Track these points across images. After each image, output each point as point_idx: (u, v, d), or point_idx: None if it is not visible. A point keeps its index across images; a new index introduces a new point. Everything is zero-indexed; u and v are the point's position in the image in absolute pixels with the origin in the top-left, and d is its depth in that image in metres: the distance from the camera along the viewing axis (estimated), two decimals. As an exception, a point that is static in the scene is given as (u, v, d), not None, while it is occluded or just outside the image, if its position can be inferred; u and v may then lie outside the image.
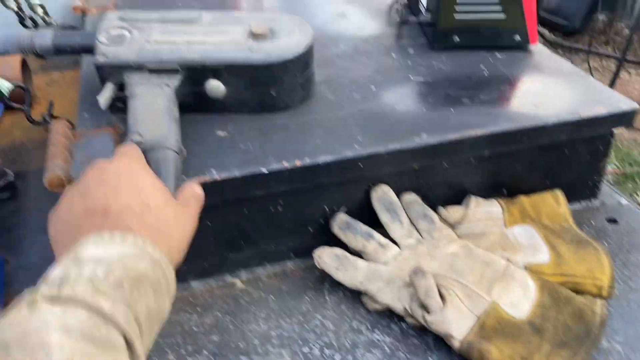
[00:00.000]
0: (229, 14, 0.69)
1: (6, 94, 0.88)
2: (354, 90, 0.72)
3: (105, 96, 0.62)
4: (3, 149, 0.90)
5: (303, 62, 0.65)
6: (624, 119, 0.69)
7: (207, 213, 0.60)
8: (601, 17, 3.35)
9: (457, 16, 0.78)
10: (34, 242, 0.71)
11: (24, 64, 0.99)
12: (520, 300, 0.57)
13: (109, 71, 0.62)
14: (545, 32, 3.24)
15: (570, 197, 0.72)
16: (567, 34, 3.35)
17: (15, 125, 0.96)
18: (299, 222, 0.65)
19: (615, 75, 2.57)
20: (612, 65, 2.89)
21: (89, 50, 0.68)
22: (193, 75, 0.62)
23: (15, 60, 0.96)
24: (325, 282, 0.64)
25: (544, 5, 3.29)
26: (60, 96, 1.04)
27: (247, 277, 0.66)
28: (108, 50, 0.63)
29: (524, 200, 0.69)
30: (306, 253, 0.65)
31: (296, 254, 0.67)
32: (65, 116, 0.93)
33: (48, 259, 0.68)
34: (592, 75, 2.69)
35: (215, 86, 0.63)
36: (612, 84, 2.52)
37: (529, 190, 0.71)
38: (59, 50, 0.70)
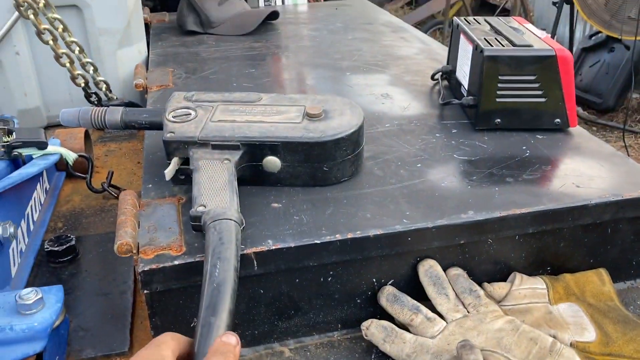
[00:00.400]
0: (286, 97, 0.75)
1: (70, 163, 0.94)
2: (400, 166, 0.75)
3: (170, 169, 0.67)
4: (64, 214, 0.95)
5: (354, 140, 0.70)
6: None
7: (260, 282, 0.63)
8: (635, 95, 3.39)
9: (499, 99, 0.82)
10: (92, 303, 0.74)
11: (86, 135, 1.06)
12: (568, 378, 0.57)
13: (176, 146, 0.67)
14: (579, 109, 3.27)
15: (615, 277, 0.72)
16: (600, 112, 3.38)
17: (75, 192, 1.02)
18: (347, 293, 0.67)
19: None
20: (647, 143, 2.90)
21: (155, 126, 0.74)
22: (252, 151, 0.67)
23: (79, 132, 1.02)
24: (372, 353, 0.65)
25: (577, 83, 3.34)
26: (117, 165, 1.10)
27: (295, 346, 0.67)
28: (175, 127, 0.68)
29: (568, 278, 0.70)
30: (353, 324, 0.67)
31: (343, 325, 0.68)
32: (122, 185, 0.99)
33: (105, 320, 0.71)
34: (628, 152, 2.69)
35: (272, 161, 0.68)
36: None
37: (573, 269, 0.72)
38: (127, 126, 0.76)
